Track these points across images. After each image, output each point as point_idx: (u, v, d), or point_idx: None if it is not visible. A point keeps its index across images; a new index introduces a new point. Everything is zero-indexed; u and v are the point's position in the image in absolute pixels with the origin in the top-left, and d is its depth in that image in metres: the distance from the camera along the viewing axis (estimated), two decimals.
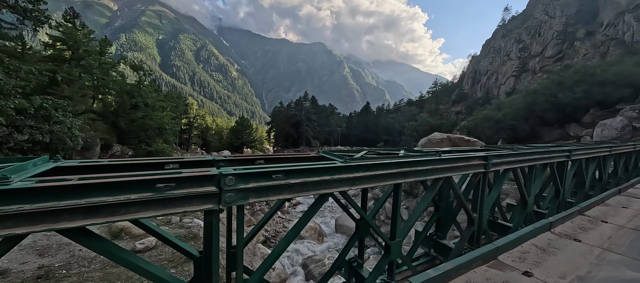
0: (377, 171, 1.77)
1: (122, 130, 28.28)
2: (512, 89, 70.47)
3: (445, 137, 22.76)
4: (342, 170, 1.64)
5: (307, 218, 1.62)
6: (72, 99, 20.96)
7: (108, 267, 4.72)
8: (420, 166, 2.01)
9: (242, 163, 1.94)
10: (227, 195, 1.27)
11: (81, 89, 22.81)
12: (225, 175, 1.26)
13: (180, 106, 51.89)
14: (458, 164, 2.30)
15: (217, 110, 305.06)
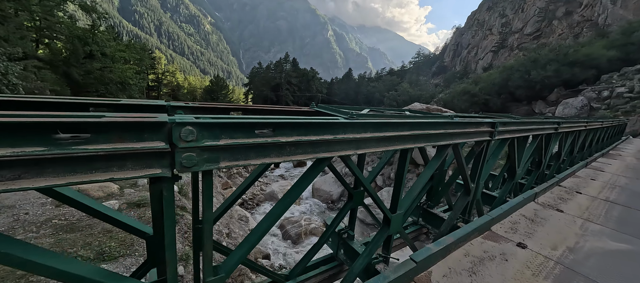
0: (387, 132, 1.41)
1: (76, 82, 25.07)
2: (489, 64, 72.49)
3: (425, 108, 23.14)
4: (348, 128, 1.25)
5: (301, 188, 1.26)
6: (7, 40, 17.71)
7: (61, 232, 4.18)
8: (434, 130, 1.69)
9: (210, 112, 1.46)
10: (185, 154, 0.83)
11: (19, 29, 19.22)
12: (181, 124, 0.80)
13: (146, 59, 46.74)
14: (469, 130, 2.02)
15: (189, 67, 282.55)
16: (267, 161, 1.05)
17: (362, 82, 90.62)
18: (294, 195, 1.27)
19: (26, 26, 23.12)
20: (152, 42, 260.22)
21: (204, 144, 0.85)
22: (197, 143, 0.84)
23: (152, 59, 55.38)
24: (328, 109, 1.75)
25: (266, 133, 1.00)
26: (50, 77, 21.73)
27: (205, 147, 0.86)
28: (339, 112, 1.59)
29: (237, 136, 0.93)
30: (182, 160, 0.83)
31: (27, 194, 5.08)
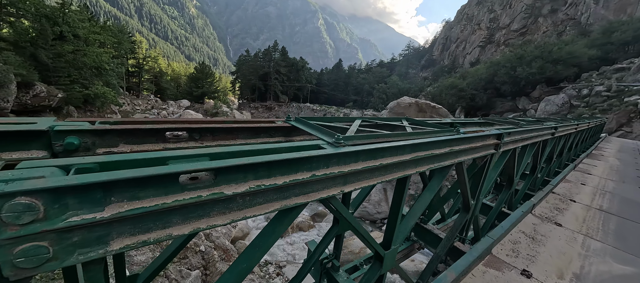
0: (385, 158, 1.07)
1: (46, 66, 23.17)
2: (476, 59, 73.71)
3: (414, 102, 23.14)
4: (332, 160, 0.89)
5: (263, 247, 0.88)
6: None
7: None
8: (438, 149, 1.38)
9: (131, 136, 1.02)
10: (22, 248, 0.45)
11: None
12: (3, 197, 0.44)
13: (125, 42, 43.95)
14: (475, 144, 1.73)
15: (173, 53, 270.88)
16: (203, 227, 0.67)
17: (352, 74, 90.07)
18: (252, 257, 0.90)
19: None
20: (133, 25, 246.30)
21: (69, 223, 0.46)
22: (49, 224, 0.47)
23: (132, 42, 52.25)
24: (308, 125, 1.38)
25: (201, 181, 0.63)
26: (14, 59, 19.86)
27: (74, 227, 0.47)
28: (320, 130, 1.23)
29: (143, 196, 0.55)
30: (14, 260, 0.44)
31: None
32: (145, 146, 1.00)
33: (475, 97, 35.37)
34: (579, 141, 7.11)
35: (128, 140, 0.97)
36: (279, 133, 1.38)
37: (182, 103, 51.16)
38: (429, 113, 22.57)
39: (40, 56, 22.82)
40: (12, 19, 24.39)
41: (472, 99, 35.66)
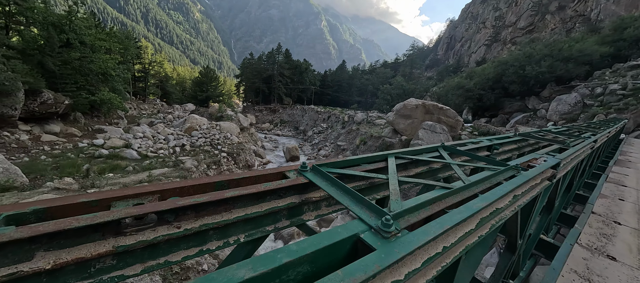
0: (449, 237, 0.75)
1: (52, 73, 23.36)
2: (482, 58, 72.64)
3: (420, 103, 22.66)
4: (385, 261, 0.57)
5: None
6: None
7: None
8: (502, 201, 1.04)
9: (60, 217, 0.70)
10: None
11: None
12: None
13: (131, 48, 44.43)
14: (535, 182, 1.38)
15: (179, 57, 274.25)
16: None
17: (355, 75, 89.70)
18: None
19: None
20: (139, 30, 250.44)
21: None
22: None
23: (138, 48, 52.88)
24: (332, 182, 1.04)
25: None
26: (22, 68, 20.02)
27: None
28: (352, 196, 0.90)
29: None
30: None
31: None
32: (82, 249, 0.69)
33: (483, 97, 34.65)
34: (605, 147, 6.64)
35: (52, 245, 0.66)
36: (291, 192, 1.06)
37: (187, 107, 51.41)
38: (436, 114, 22.07)
39: (47, 63, 23.04)
40: (21, 28, 24.78)
41: (479, 99, 34.96)
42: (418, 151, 1.67)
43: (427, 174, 1.60)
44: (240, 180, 0.98)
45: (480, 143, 2.17)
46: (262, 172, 1.02)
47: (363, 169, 1.28)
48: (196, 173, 11.63)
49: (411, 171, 1.50)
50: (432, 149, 1.69)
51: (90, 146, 18.13)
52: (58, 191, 5.99)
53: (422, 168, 1.56)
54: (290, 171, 1.13)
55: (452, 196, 0.97)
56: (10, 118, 18.33)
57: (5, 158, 14.15)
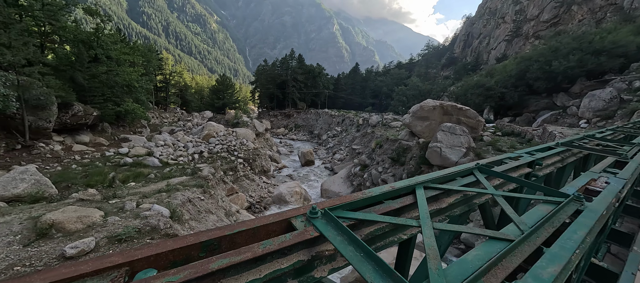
0: None
1: (82, 87, 24.90)
2: (502, 54, 69.52)
3: (438, 104, 21.88)
4: None
5: None
6: (10, 47, 17.43)
7: None
8: (577, 257, 0.80)
9: None
10: None
11: (21, 35, 18.94)
12: None
13: (153, 60, 46.76)
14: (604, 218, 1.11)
15: (197, 66, 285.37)
16: None
17: (369, 77, 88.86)
18: None
19: (32, 31, 23.07)
20: (161, 43, 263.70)
21: None
22: None
23: (160, 59, 55.53)
24: (346, 235, 0.84)
25: None
26: (55, 83, 21.51)
27: None
28: (373, 262, 0.70)
29: None
30: None
31: None
32: None
33: (505, 95, 32.95)
34: None
35: None
36: (299, 247, 0.86)
37: (205, 114, 53.12)
38: (455, 115, 21.19)
39: (78, 78, 24.60)
40: (56, 46, 26.78)
41: (501, 97, 33.27)
42: (449, 175, 1.45)
43: (462, 202, 1.37)
44: (235, 235, 0.82)
45: (521, 159, 1.88)
46: (262, 221, 0.85)
47: (386, 210, 1.07)
48: (213, 181, 11.80)
49: (443, 202, 1.28)
50: (466, 172, 1.46)
51: (116, 154, 19.06)
52: (82, 202, 6.25)
53: (456, 197, 1.33)
54: (297, 218, 0.94)
55: (510, 255, 0.75)
56: (45, 130, 19.65)
57: (41, 167, 15.15)
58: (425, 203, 1.08)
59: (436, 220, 1.15)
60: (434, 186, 1.28)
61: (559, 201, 1.12)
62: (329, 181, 25.23)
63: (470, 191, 1.34)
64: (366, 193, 1.09)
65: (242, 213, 15.36)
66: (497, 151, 17.19)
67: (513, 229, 0.96)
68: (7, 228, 4.46)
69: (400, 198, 1.17)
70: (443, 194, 1.30)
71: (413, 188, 1.21)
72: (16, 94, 10.95)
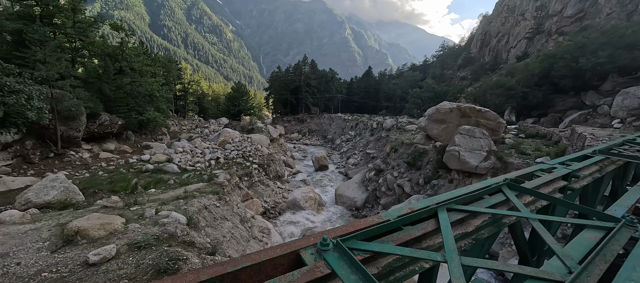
0: None
1: (108, 98, 26.39)
2: (523, 52, 66.57)
3: (455, 106, 21.16)
4: None
5: None
6: (45, 62, 18.83)
7: None
8: None
9: None
10: None
11: (55, 51, 20.44)
12: None
13: (173, 70, 48.91)
14: None
15: (214, 75, 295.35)
16: None
17: (382, 80, 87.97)
18: None
19: (64, 47, 24.84)
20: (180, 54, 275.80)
21: None
22: None
23: (179, 69, 57.98)
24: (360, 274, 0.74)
25: None
26: (85, 94, 22.96)
27: None
28: None
29: None
30: None
31: (24, 239, 4.71)
32: None
33: (528, 95, 31.36)
34: None
35: None
36: None
37: (222, 121, 54.61)
38: (474, 117, 20.39)
39: (105, 89, 26.11)
40: (85, 60, 28.69)
41: (523, 97, 31.70)
42: (475, 194, 1.31)
43: (490, 223, 1.23)
44: (238, 272, 0.76)
45: (554, 171, 1.69)
46: (268, 253, 0.78)
47: (406, 238, 0.96)
48: (228, 187, 12.00)
49: (470, 225, 1.15)
50: (493, 189, 1.32)
51: (138, 161, 19.93)
52: (106, 209, 6.53)
53: (484, 219, 1.20)
54: (306, 250, 0.85)
55: None
56: (75, 138, 20.92)
57: (71, 174, 16.10)
58: (451, 230, 0.96)
59: (462, 244, 1.03)
60: (458, 208, 1.15)
61: (607, 226, 0.97)
62: (343, 186, 24.98)
63: (500, 214, 1.20)
64: (382, 217, 0.99)
65: (257, 219, 15.48)
66: (521, 154, 16.32)
67: (558, 266, 0.82)
68: (37, 234, 4.72)
69: (420, 222, 1.06)
70: (469, 216, 1.17)
71: (435, 210, 1.10)
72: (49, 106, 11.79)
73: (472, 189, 1.40)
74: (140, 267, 4.22)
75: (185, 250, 4.93)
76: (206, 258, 4.98)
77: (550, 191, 1.52)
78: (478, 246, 1.20)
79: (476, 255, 1.22)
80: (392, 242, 0.91)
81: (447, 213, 1.11)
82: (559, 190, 1.61)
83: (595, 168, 1.94)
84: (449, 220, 1.03)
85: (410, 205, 1.14)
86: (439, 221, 1.04)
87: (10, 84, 8.99)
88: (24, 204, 8.47)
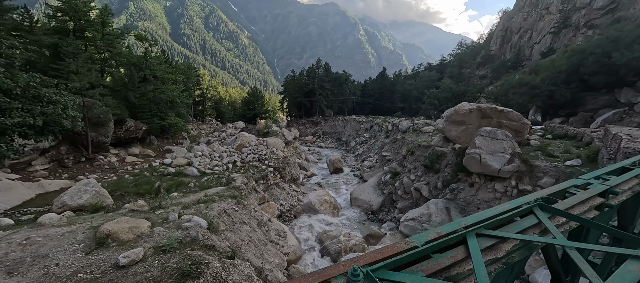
0: None
1: (133, 104, 27.90)
2: (548, 48, 63.06)
3: (475, 107, 20.39)
4: None
5: None
6: (77, 73, 20.25)
7: None
8: None
9: None
10: None
11: (86, 62, 21.94)
12: None
13: (192, 77, 50.89)
14: None
15: (230, 80, 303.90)
16: None
17: (397, 81, 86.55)
18: None
19: (94, 58, 26.61)
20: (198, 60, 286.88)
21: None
22: None
23: (198, 76, 60.23)
24: None
25: None
26: (112, 102, 24.44)
27: None
28: None
29: None
30: None
31: (62, 241, 5.09)
32: None
33: (554, 93, 29.64)
34: None
35: None
36: None
37: (238, 125, 56.02)
38: (495, 118, 19.55)
39: (130, 96, 27.63)
40: (113, 70, 30.57)
41: (550, 96, 29.99)
42: (505, 217, 1.25)
43: (522, 247, 1.18)
44: None
45: (590, 188, 1.56)
46: (299, 282, 0.80)
47: (435, 268, 0.94)
48: (245, 191, 12.26)
49: (500, 250, 1.11)
50: (525, 211, 1.26)
51: (161, 165, 20.86)
52: (133, 213, 6.90)
53: (515, 243, 1.15)
54: (337, 280, 0.87)
55: None
56: (104, 144, 22.25)
57: (100, 177, 17.14)
58: (482, 260, 0.93)
59: (491, 269, 1.00)
60: (488, 233, 1.11)
61: None
62: (359, 189, 24.76)
63: (533, 241, 1.15)
64: (410, 243, 0.98)
65: (274, 222, 15.69)
66: (549, 157, 15.43)
67: None
68: (73, 237, 5.08)
69: (449, 249, 1.03)
70: (499, 241, 1.13)
71: (464, 236, 1.07)
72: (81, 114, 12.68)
73: (501, 210, 1.35)
74: (165, 270, 4.42)
75: (207, 253, 5.10)
76: (226, 262, 5.12)
77: (586, 210, 1.42)
78: (508, 269, 1.16)
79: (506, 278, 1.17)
80: (422, 272, 0.90)
81: (476, 240, 1.08)
82: (596, 207, 1.50)
83: (635, 182, 1.79)
84: (479, 248, 1.00)
85: (437, 229, 1.12)
86: (468, 248, 1.01)
87: (49, 95, 9.71)
88: (60, 207, 9.15)
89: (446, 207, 16.96)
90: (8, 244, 4.59)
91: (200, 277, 4.18)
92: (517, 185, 14.48)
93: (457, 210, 16.64)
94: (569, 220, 1.31)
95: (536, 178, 13.90)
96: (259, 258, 7.51)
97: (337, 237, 16.17)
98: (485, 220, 1.24)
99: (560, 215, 1.33)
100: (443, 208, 16.91)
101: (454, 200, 17.09)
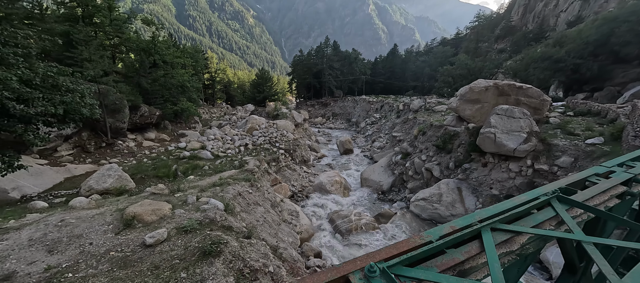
0: None
1: (146, 90, 28.42)
2: (576, 16, 58.23)
3: (492, 84, 19.53)
4: None
5: None
6: (90, 60, 20.66)
7: (116, 269, 4.28)
8: None
9: None
10: None
11: (98, 49, 22.28)
12: None
13: (200, 60, 50.86)
14: None
15: (238, 62, 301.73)
16: None
17: (409, 58, 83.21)
18: None
19: (105, 45, 26.93)
20: (205, 43, 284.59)
21: None
22: None
23: (206, 59, 60.13)
24: None
25: None
26: (126, 88, 24.99)
27: None
28: None
29: None
30: None
31: (93, 222, 5.49)
32: None
33: (580, 67, 27.79)
34: None
35: None
36: None
37: (248, 108, 56.40)
38: (513, 95, 18.72)
39: (142, 82, 28.09)
40: (123, 56, 30.92)
41: (575, 70, 28.16)
42: (521, 210, 1.24)
43: (536, 240, 1.18)
44: None
45: (612, 177, 1.49)
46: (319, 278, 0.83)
47: (449, 263, 0.97)
48: (258, 173, 12.59)
49: (515, 243, 1.12)
50: (542, 203, 1.24)
51: (176, 149, 21.57)
52: (154, 196, 7.30)
53: (530, 236, 1.15)
54: (355, 275, 0.91)
55: None
56: (121, 129, 23.07)
57: (121, 161, 17.99)
58: (496, 257, 0.95)
59: (505, 260, 1.02)
60: (503, 228, 1.11)
61: None
62: (369, 170, 24.87)
63: (550, 236, 1.14)
64: (424, 238, 1.01)
65: (286, 202, 16.17)
66: (568, 135, 14.81)
67: None
68: (102, 218, 5.47)
69: (464, 244, 1.06)
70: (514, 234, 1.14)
71: (478, 231, 1.08)
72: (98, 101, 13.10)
73: (518, 202, 1.34)
74: (188, 249, 4.74)
75: (225, 234, 5.39)
76: (243, 242, 5.41)
77: (606, 199, 1.38)
78: (521, 260, 1.17)
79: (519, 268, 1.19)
80: (436, 268, 0.93)
81: (491, 234, 1.09)
82: (618, 196, 1.45)
83: None
84: (494, 244, 1.01)
85: (451, 223, 1.14)
86: (482, 243, 1.03)
87: (66, 84, 10.02)
88: (87, 190, 9.78)
89: (458, 187, 16.87)
90: (46, 225, 5.04)
91: (221, 255, 4.46)
92: (532, 165, 14.12)
93: (469, 190, 16.53)
94: (587, 211, 1.29)
95: (554, 158, 13.47)
96: (274, 237, 7.86)
97: (348, 216, 16.54)
98: (501, 213, 1.24)
99: (579, 207, 1.30)
100: (454, 188, 16.84)
101: (466, 180, 16.93)
